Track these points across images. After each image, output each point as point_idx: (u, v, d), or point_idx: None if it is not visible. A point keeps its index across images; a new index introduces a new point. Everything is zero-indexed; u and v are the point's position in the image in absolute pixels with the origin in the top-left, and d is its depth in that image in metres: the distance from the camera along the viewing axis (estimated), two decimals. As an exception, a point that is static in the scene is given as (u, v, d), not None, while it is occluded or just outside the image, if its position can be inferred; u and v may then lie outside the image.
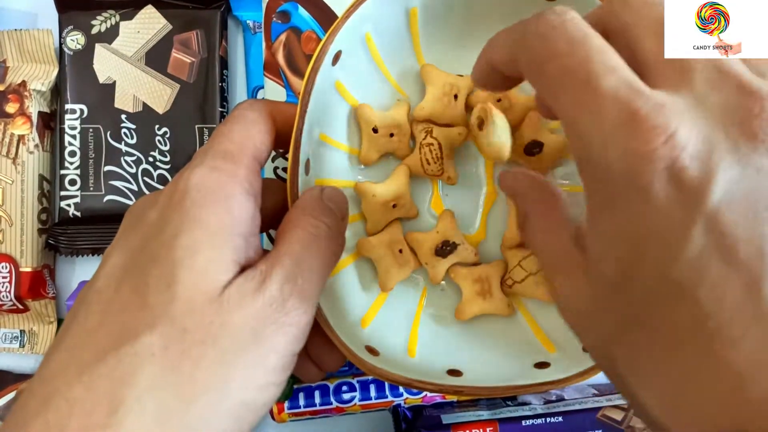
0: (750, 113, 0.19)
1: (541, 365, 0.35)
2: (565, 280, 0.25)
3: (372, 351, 0.35)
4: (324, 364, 0.36)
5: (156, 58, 0.51)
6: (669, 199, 0.19)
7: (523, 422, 0.44)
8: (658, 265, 0.20)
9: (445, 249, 0.38)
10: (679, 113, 0.19)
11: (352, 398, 0.48)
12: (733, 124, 0.19)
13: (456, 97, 0.39)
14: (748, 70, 0.20)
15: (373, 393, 0.48)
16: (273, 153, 0.37)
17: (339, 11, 0.48)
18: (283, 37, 0.49)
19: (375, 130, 0.38)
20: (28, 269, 0.50)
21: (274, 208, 0.33)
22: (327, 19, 0.48)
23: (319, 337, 0.33)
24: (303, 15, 0.48)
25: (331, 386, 0.48)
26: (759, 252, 0.19)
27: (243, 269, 0.27)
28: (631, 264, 0.21)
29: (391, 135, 0.39)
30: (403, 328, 0.39)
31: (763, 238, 0.19)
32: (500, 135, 0.32)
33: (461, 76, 0.39)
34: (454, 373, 0.35)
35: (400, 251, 0.39)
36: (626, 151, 0.20)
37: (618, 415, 0.45)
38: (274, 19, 0.49)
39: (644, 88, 0.20)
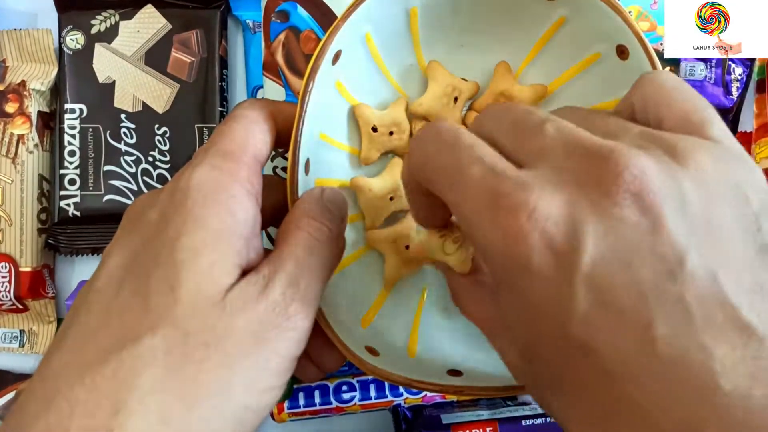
0: (602, 172, 0.20)
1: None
2: (500, 342, 0.27)
3: (372, 351, 0.35)
4: (324, 364, 0.36)
5: (156, 57, 0.51)
6: (548, 269, 0.20)
7: (523, 422, 0.44)
8: (556, 329, 0.21)
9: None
10: (539, 187, 0.21)
11: (352, 398, 0.48)
12: (589, 186, 0.20)
13: (456, 99, 0.39)
14: (594, 135, 0.22)
15: (373, 393, 0.48)
16: (272, 152, 0.37)
17: (338, 10, 0.48)
18: (282, 36, 0.49)
19: (374, 129, 0.38)
20: (28, 269, 0.50)
21: (274, 206, 0.33)
22: (326, 18, 0.48)
23: (319, 337, 0.32)
24: (302, 14, 0.48)
25: (331, 386, 0.48)
26: (641, 297, 0.19)
27: (244, 271, 0.27)
28: (534, 330, 0.22)
29: (391, 133, 0.39)
30: (403, 328, 0.39)
31: (640, 283, 0.19)
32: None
33: (465, 80, 0.39)
34: (454, 373, 0.35)
35: (407, 247, 0.39)
36: (499, 232, 0.21)
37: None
38: (273, 18, 0.49)
39: (509, 171, 0.22)
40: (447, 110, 0.39)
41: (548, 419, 0.44)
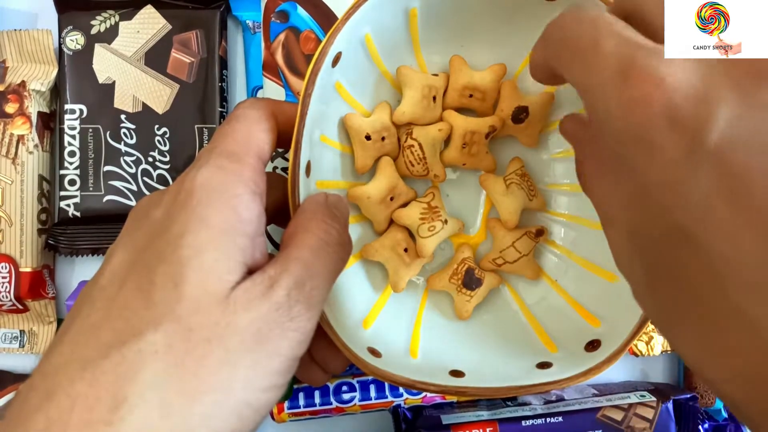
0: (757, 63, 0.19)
1: (543, 365, 0.35)
2: (610, 232, 0.25)
3: (374, 352, 0.35)
4: (329, 367, 0.36)
5: (155, 58, 0.51)
6: (668, 144, 0.19)
7: (523, 422, 0.44)
8: (664, 213, 0.19)
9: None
10: (675, 61, 0.19)
11: (352, 398, 0.48)
12: (735, 66, 0.19)
13: (435, 98, 0.39)
14: None
15: (373, 393, 0.48)
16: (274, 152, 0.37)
17: (337, 11, 0.48)
18: (281, 36, 0.49)
19: (368, 137, 0.38)
20: (28, 269, 0.50)
21: (275, 204, 0.33)
22: (326, 18, 0.48)
23: (323, 340, 0.33)
24: (302, 15, 0.48)
25: (331, 386, 0.48)
26: None
27: (249, 270, 0.27)
28: (639, 213, 0.21)
29: (383, 138, 0.39)
30: (405, 329, 0.39)
31: None
32: None
33: (436, 75, 0.40)
34: (456, 373, 0.35)
35: (405, 250, 0.39)
36: (623, 99, 0.20)
37: (618, 415, 0.45)
38: (273, 18, 0.49)
39: (647, 43, 0.20)
40: (429, 111, 0.39)
41: (548, 419, 0.44)
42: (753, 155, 0.17)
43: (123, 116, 0.50)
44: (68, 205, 0.50)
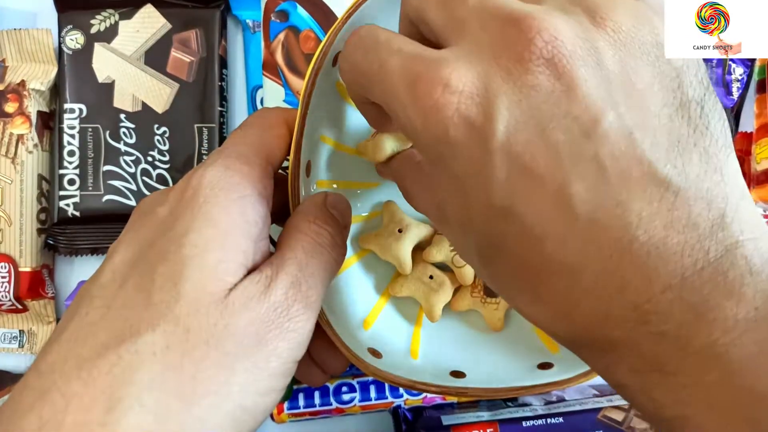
0: (514, 40, 0.20)
1: (544, 366, 0.35)
2: (446, 230, 0.26)
3: (374, 353, 0.35)
4: (328, 368, 0.36)
5: (155, 57, 0.51)
6: (466, 140, 0.21)
7: (524, 423, 0.44)
8: (479, 197, 0.21)
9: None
10: (454, 61, 0.21)
11: (352, 399, 0.48)
12: (502, 56, 0.21)
13: None
14: (516, 1, 0.22)
15: (373, 394, 0.48)
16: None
17: (337, 10, 0.48)
18: (281, 36, 0.49)
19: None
20: (27, 269, 0.50)
21: (277, 204, 0.33)
22: (325, 18, 0.48)
23: (323, 341, 0.32)
24: (301, 14, 0.48)
25: (331, 387, 0.48)
26: (557, 158, 0.20)
27: (248, 272, 0.27)
28: (461, 202, 0.22)
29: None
30: (406, 330, 0.39)
31: (554, 146, 0.20)
32: None
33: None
34: (457, 374, 0.35)
35: (431, 277, 0.39)
36: (418, 111, 0.21)
37: (619, 416, 0.44)
38: (273, 18, 0.49)
39: (426, 53, 0.22)
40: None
41: (549, 420, 0.44)
42: (530, 133, 0.20)
43: (122, 116, 0.50)
44: (68, 205, 0.50)
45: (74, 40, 0.51)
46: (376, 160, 0.35)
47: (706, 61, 0.41)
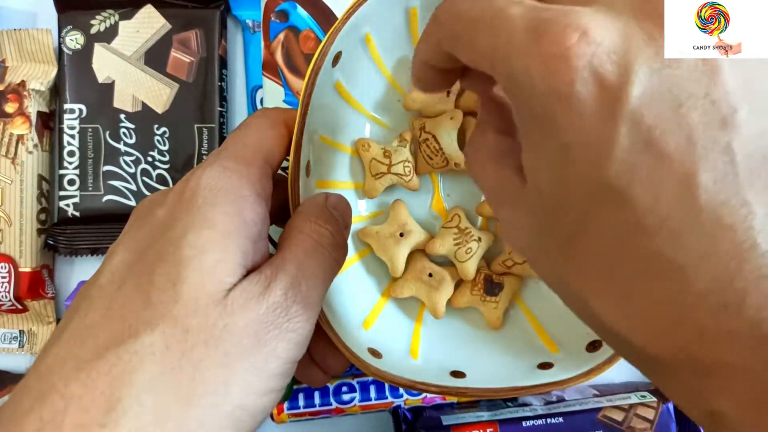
0: (661, 4, 0.19)
1: (545, 366, 0.35)
2: (509, 211, 0.24)
3: (374, 353, 0.35)
4: (329, 368, 0.36)
5: (155, 57, 0.51)
6: (592, 100, 0.19)
7: (524, 423, 0.44)
8: (589, 171, 0.19)
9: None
10: (591, 14, 0.19)
11: (352, 399, 0.48)
12: (645, 19, 0.19)
13: (448, 93, 0.39)
14: None
15: (372, 394, 0.48)
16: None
17: (337, 10, 0.48)
18: (281, 36, 0.49)
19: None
20: (27, 269, 0.50)
21: (277, 205, 0.33)
22: (325, 18, 0.48)
23: (323, 341, 0.32)
24: (301, 14, 0.48)
25: (331, 387, 0.48)
26: (689, 142, 0.18)
27: (247, 273, 0.27)
28: (564, 175, 0.20)
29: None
30: (406, 330, 0.39)
31: (688, 127, 0.18)
32: None
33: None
34: (457, 374, 0.35)
35: (430, 275, 0.39)
36: (542, 58, 0.19)
37: (619, 416, 0.44)
38: (273, 18, 0.49)
39: (556, 6, 0.20)
40: (441, 103, 0.39)
41: (549, 420, 0.44)
42: (665, 110, 0.18)
43: (122, 116, 0.50)
44: (67, 205, 0.50)
45: (74, 40, 0.51)
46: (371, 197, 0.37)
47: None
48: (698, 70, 0.18)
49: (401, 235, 0.39)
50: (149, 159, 0.50)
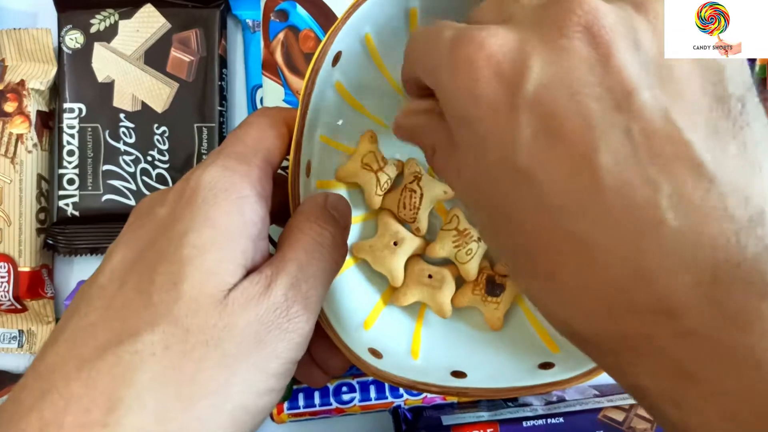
0: (555, 11, 0.21)
1: (545, 366, 0.35)
2: (469, 205, 0.26)
3: (375, 353, 0.35)
4: (329, 368, 0.36)
5: (155, 57, 0.51)
6: (494, 94, 0.21)
7: (524, 423, 0.44)
8: (502, 158, 0.21)
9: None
10: (494, 28, 0.21)
11: (352, 399, 0.48)
12: (542, 24, 0.21)
13: None
14: None
15: (372, 394, 0.48)
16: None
17: (337, 9, 0.48)
18: (281, 35, 0.49)
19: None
20: (27, 269, 0.50)
21: (277, 204, 0.33)
22: (325, 17, 0.48)
23: (324, 341, 0.32)
24: (301, 13, 0.48)
25: (331, 387, 0.48)
26: (586, 125, 0.19)
27: (248, 273, 0.27)
28: (483, 164, 0.22)
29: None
30: (406, 330, 0.39)
31: (585, 111, 0.19)
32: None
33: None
34: (458, 374, 0.35)
35: (430, 276, 0.39)
36: (453, 63, 0.22)
37: (619, 416, 0.44)
38: (272, 17, 0.49)
39: (476, 27, 0.22)
40: None
41: (549, 420, 0.44)
42: (560, 94, 0.20)
43: (122, 115, 0.50)
44: (67, 205, 0.50)
45: (74, 39, 0.51)
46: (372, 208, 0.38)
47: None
48: (591, 60, 0.20)
49: (395, 244, 0.39)
50: (149, 158, 0.50)
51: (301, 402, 0.48)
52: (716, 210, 0.18)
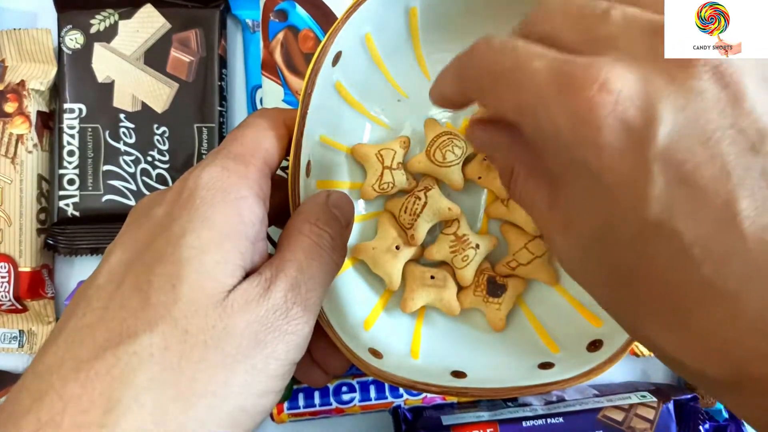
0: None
1: (545, 366, 0.35)
2: (562, 241, 0.25)
3: (375, 353, 0.35)
4: (329, 368, 0.36)
5: (155, 57, 0.51)
6: (621, 144, 0.19)
7: (524, 423, 0.44)
8: (632, 210, 0.20)
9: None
10: (610, 63, 0.20)
11: (352, 399, 0.48)
12: (665, 61, 0.19)
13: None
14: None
15: (372, 394, 0.48)
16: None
17: (336, 9, 0.48)
18: (280, 35, 0.49)
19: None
20: (27, 269, 0.50)
21: (277, 205, 0.33)
22: (324, 17, 0.48)
23: (324, 341, 0.32)
24: (300, 13, 0.48)
25: (331, 387, 0.48)
26: (722, 172, 0.19)
27: (247, 274, 0.27)
28: (605, 218, 0.21)
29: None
30: (407, 330, 0.39)
31: (720, 158, 0.19)
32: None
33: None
34: (458, 374, 0.35)
35: (432, 277, 0.39)
36: (566, 111, 0.20)
37: (619, 416, 0.44)
38: (272, 17, 0.49)
39: (576, 57, 0.21)
40: (444, 170, 0.40)
41: (549, 420, 0.44)
42: (694, 144, 0.19)
43: (122, 115, 0.50)
44: (67, 205, 0.50)
45: (74, 40, 0.51)
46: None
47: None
48: (722, 102, 0.19)
49: (397, 248, 0.39)
50: (149, 159, 0.50)
51: (301, 402, 0.48)
52: None
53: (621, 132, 0.19)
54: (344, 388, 0.48)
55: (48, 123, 0.51)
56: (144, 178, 0.50)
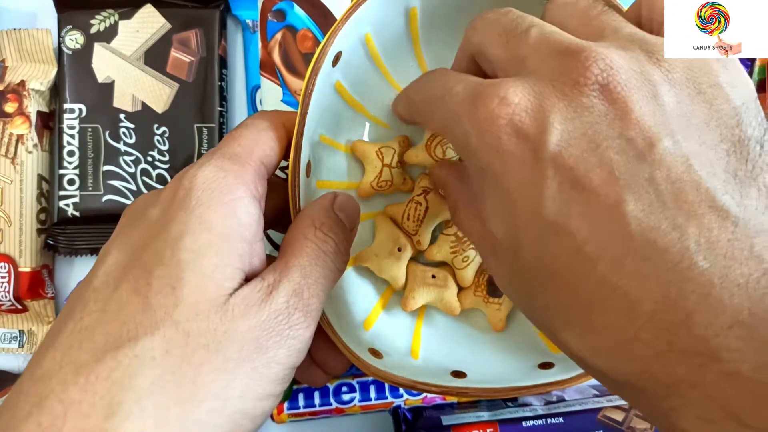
0: (571, 67, 0.21)
1: (545, 366, 0.35)
2: (492, 260, 0.26)
3: (375, 353, 0.35)
4: (329, 368, 0.36)
5: (155, 57, 0.51)
6: (518, 150, 0.22)
7: (524, 423, 0.44)
8: (532, 212, 0.22)
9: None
10: (511, 83, 0.22)
11: (352, 399, 0.48)
12: (558, 80, 0.22)
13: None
14: (572, 36, 0.23)
15: (372, 394, 0.48)
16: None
17: (334, 9, 0.48)
18: (278, 35, 0.49)
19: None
20: (27, 269, 0.50)
21: (275, 208, 0.33)
22: (323, 17, 0.48)
23: (324, 341, 0.32)
24: (298, 13, 0.48)
25: (331, 387, 0.48)
26: (611, 176, 0.20)
27: (247, 277, 0.27)
28: (512, 218, 0.23)
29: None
30: (407, 330, 0.39)
31: (611, 163, 0.20)
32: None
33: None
34: (458, 374, 0.35)
35: (433, 276, 0.39)
36: (474, 121, 0.23)
37: (619, 416, 0.44)
38: (270, 17, 0.49)
39: (489, 81, 0.24)
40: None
41: (549, 420, 0.44)
42: (584, 151, 0.21)
43: (122, 115, 0.50)
44: (67, 205, 0.50)
45: (74, 40, 0.51)
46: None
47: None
48: (609, 115, 0.21)
49: (399, 250, 0.39)
50: (149, 159, 0.50)
51: (301, 402, 0.48)
52: (742, 251, 0.19)
53: (517, 138, 0.22)
54: (344, 388, 0.48)
55: (48, 123, 0.51)
56: (144, 178, 0.50)
